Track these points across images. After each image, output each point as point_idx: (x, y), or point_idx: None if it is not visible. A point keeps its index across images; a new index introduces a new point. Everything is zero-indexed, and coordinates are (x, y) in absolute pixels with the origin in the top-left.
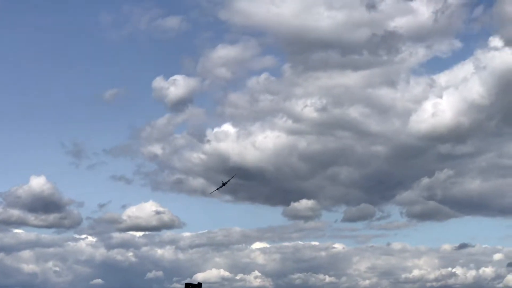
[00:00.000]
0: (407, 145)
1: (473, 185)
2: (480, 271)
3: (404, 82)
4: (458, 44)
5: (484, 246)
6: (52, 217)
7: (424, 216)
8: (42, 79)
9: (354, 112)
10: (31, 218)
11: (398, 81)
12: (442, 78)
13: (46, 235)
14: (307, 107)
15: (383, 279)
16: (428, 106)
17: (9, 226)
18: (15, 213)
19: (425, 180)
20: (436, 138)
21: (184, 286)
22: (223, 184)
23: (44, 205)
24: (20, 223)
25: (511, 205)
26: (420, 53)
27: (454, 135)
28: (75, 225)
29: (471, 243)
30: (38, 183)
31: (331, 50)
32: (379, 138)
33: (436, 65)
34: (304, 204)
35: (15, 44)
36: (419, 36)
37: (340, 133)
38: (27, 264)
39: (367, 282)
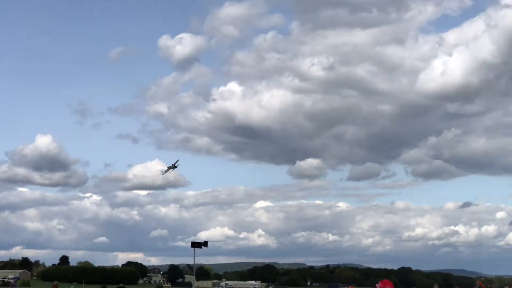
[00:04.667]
0: (414, 103)
1: (479, 143)
2: (483, 229)
3: (412, 40)
4: (468, 1)
5: (487, 204)
6: (57, 175)
7: (430, 175)
8: (48, 39)
9: (362, 71)
10: (36, 176)
11: (407, 39)
12: (451, 36)
13: (51, 194)
14: (314, 66)
15: (385, 237)
16: (437, 65)
17: (14, 185)
18: (21, 171)
19: (432, 139)
20: (445, 97)
21: (190, 244)
22: (173, 167)
23: (49, 163)
24: (25, 182)
25: None
26: (429, 10)
27: (463, 94)
28: (80, 183)
29: (475, 201)
30: (44, 142)
31: (340, 7)
32: (386, 97)
33: (445, 22)
34: (310, 163)
35: (20, 5)
36: None
37: (347, 91)
38: (31, 222)
39: (369, 240)
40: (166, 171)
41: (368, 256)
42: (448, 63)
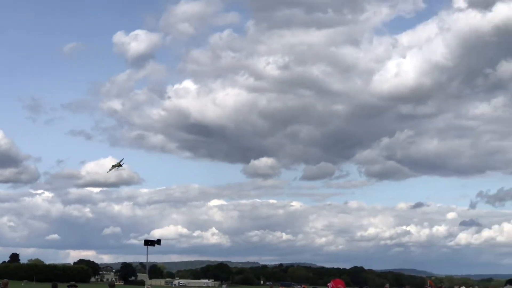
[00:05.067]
0: (368, 104)
1: (431, 145)
2: (434, 229)
3: (367, 41)
4: (421, 4)
5: (438, 205)
6: (8, 171)
7: (383, 175)
8: None
9: (317, 71)
10: None
11: (362, 40)
12: (405, 38)
13: (1, 190)
14: (270, 65)
15: (339, 237)
16: (390, 66)
17: None
18: None
19: (385, 140)
20: (398, 98)
21: (143, 242)
22: (118, 165)
23: (0, 159)
24: None
25: (466, 165)
26: (383, 12)
27: (416, 95)
28: (32, 180)
29: (426, 202)
30: None
31: (296, 7)
32: (341, 97)
33: (399, 24)
34: (264, 162)
35: None
36: None
37: (302, 91)
38: None
39: (323, 239)
40: (110, 169)
41: (321, 256)
42: (402, 64)
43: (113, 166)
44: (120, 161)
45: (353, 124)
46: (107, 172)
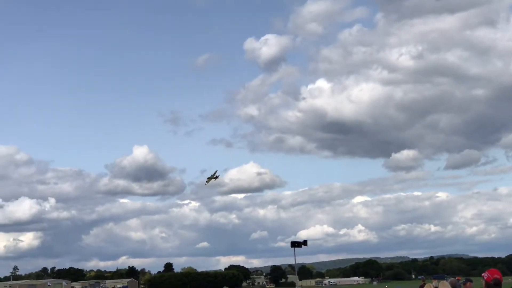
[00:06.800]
0: (510, 86)
1: None
2: None
3: (504, 20)
4: None
5: None
6: (156, 185)
7: None
8: (136, 51)
9: (452, 57)
10: (135, 187)
11: (498, 20)
12: None
13: (151, 203)
14: (403, 56)
15: (490, 225)
16: None
17: (116, 196)
18: (121, 183)
19: None
20: None
21: (290, 244)
22: (214, 177)
23: (147, 173)
24: (126, 193)
25: None
26: None
27: None
28: (178, 191)
29: None
30: (141, 152)
31: None
32: (480, 81)
33: None
34: (405, 154)
35: (106, 18)
36: None
37: (438, 79)
38: (135, 232)
39: (474, 229)
40: (208, 182)
41: (473, 245)
42: None
43: (209, 179)
44: (215, 172)
45: (495, 107)
46: (205, 184)
